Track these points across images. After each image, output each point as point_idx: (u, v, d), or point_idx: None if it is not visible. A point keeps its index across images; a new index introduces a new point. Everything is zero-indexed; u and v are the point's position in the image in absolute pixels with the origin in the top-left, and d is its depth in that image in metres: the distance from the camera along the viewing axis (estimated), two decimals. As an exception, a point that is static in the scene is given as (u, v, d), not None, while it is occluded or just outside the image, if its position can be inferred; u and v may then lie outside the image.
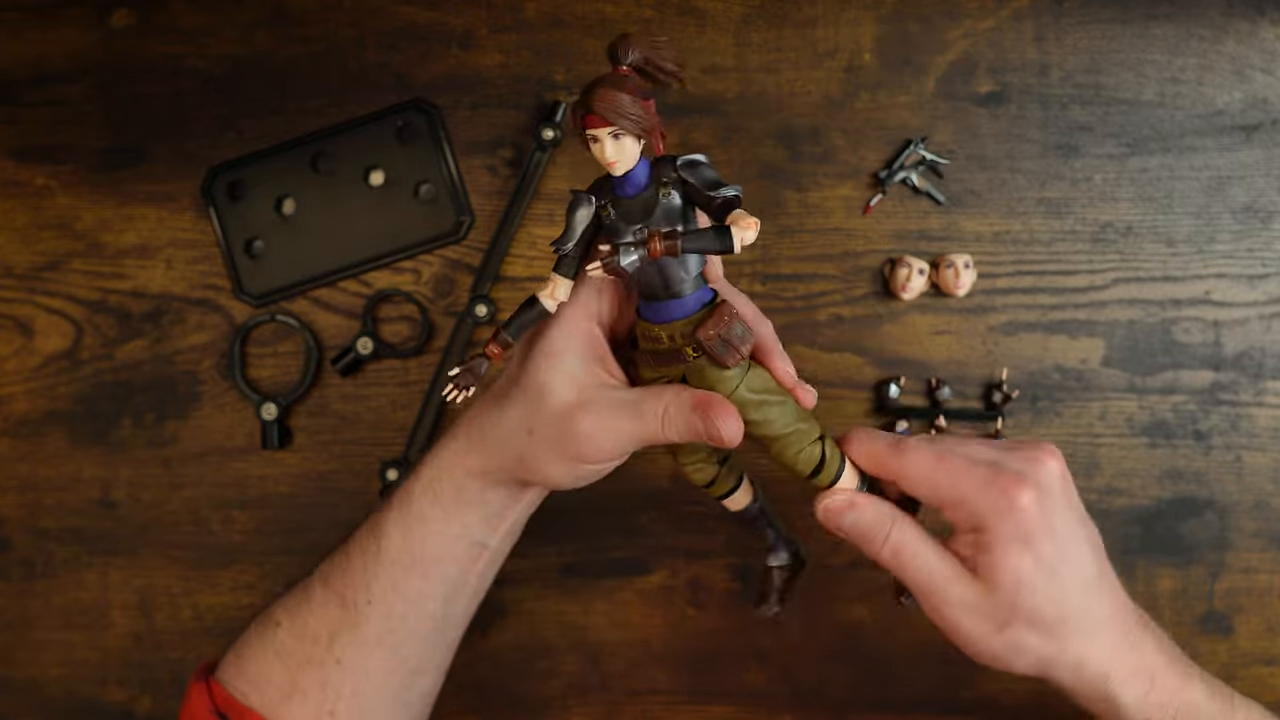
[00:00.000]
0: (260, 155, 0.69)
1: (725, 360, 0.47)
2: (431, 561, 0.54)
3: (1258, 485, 0.67)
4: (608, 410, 0.48)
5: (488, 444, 0.52)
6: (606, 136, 0.44)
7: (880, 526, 0.51)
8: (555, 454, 0.50)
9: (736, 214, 0.44)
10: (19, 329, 0.71)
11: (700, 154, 0.46)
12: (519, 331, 0.48)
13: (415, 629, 0.55)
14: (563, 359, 0.49)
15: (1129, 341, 0.67)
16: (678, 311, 0.47)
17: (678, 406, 0.48)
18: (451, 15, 0.69)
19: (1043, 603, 0.49)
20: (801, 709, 0.68)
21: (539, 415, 0.49)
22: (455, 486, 0.53)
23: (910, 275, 0.66)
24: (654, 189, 0.46)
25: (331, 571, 0.56)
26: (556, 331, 0.49)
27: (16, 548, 0.71)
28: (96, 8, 0.70)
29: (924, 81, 0.68)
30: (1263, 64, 0.67)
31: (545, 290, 0.48)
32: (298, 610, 0.56)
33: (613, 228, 0.46)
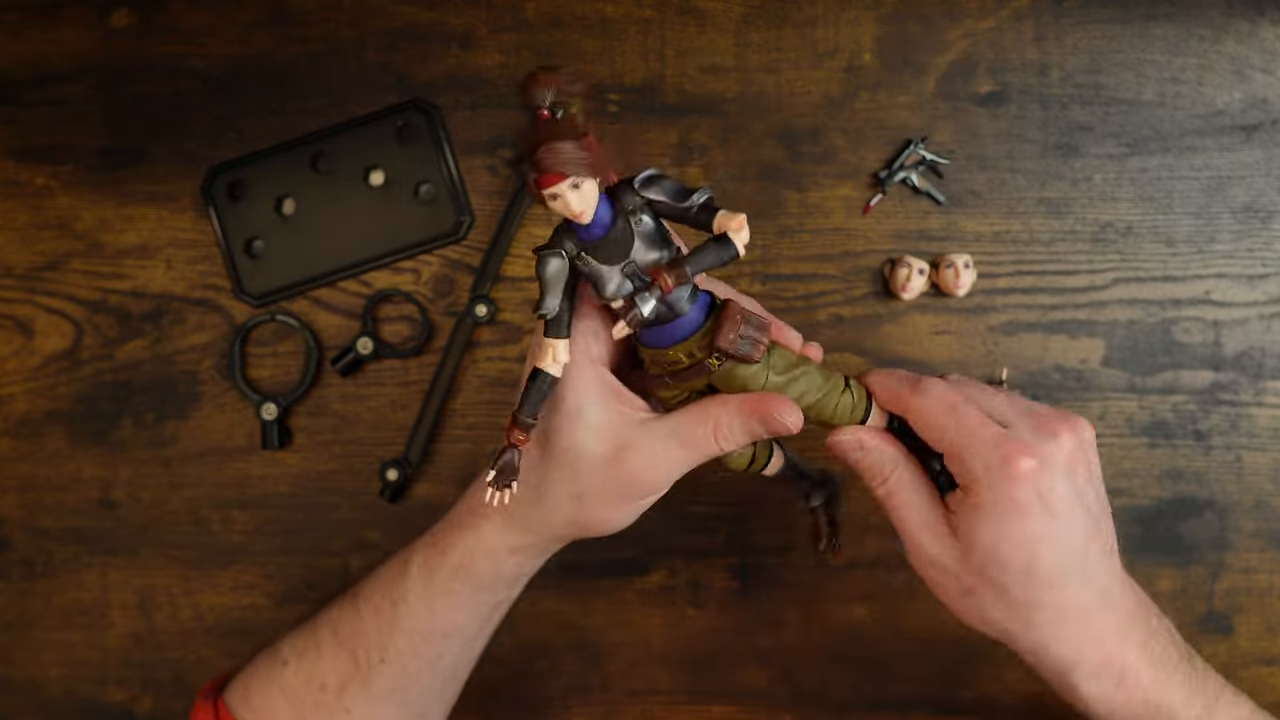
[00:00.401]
0: (260, 155, 0.69)
1: (752, 356, 0.46)
2: (454, 626, 0.54)
3: (1258, 485, 0.67)
4: (654, 446, 0.48)
5: (531, 522, 0.50)
6: (567, 190, 0.42)
7: (881, 468, 0.50)
8: (615, 500, 0.49)
9: (722, 217, 0.43)
10: (19, 329, 0.71)
11: (650, 168, 0.44)
12: (536, 410, 0.46)
13: (428, 684, 0.55)
14: (583, 414, 0.48)
15: (1129, 341, 0.67)
16: (687, 329, 0.46)
17: (729, 419, 0.47)
18: (451, 15, 0.69)
19: (1012, 581, 0.47)
20: (801, 709, 0.68)
21: (582, 478, 0.48)
22: (493, 567, 0.52)
23: (910, 275, 0.66)
24: (622, 220, 0.44)
25: (341, 622, 0.55)
26: (566, 391, 0.48)
27: (16, 548, 0.71)
28: (96, 8, 0.70)
29: (924, 81, 0.68)
30: (1263, 64, 0.67)
31: (545, 359, 0.46)
32: (305, 653, 0.55)
33: (594, 273, 0.45)
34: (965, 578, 0.48)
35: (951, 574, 0.49)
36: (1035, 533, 0.47)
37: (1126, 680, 0.49)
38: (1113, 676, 0.49)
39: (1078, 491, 0.48)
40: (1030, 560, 0.47)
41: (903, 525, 0.50)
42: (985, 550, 0.47)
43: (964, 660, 0.68)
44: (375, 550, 0.70)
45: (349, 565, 0.70)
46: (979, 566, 0.48)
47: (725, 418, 0.47)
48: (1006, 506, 0.47)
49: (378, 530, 0.70)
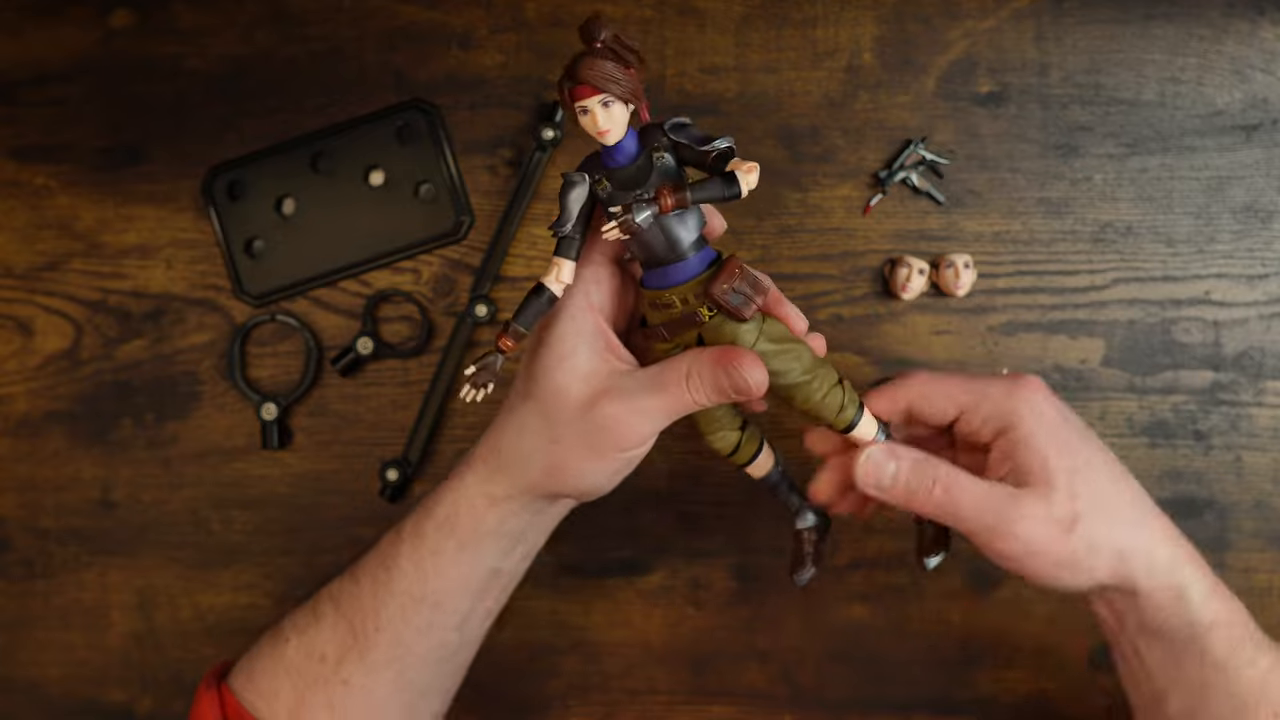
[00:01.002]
0: (260, 155, 0.69)
1: (742, 312, 0.46)
2: (444, 593, 0.54)
3: (1258, 485, 0.67)
4: (630, 391, 0.48)
5: (510, 466, 0.51)
6: (597, 105, 0.44)
7: (925, 472, 0.50)
8: (586, 451, 0.49)
9: (735, 161, 0.44)
10: (19, 329, 0.71)
11: (683, 116, 0.46)
12: (531, 321, 0.47)
13: (424, 655, 0.55)
14: (574, 357, 0.48)
15: (1129, 341, 0.67)
16: (686, 273, 0.47)
17: (699, 366, 0.47)
18: (451, 15, 0.69)
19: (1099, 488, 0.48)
20: (801, 709, 0.68)
21: (561, 419, 0.48)
22: (474, 520, 0.52)
23: (910, 275, 0.66)
24: (646, 156, 0.46)
25: (341, 594, 0.56)
26: (562, 330, 0.49)
27: (16, 548, 0.71)
28: (96, 8, 0.70)
29: (924, 81, 0.68)
30: (1263, 64, 0.67)
31: (550, 274, 0.47)
32: (307, 629, 0.56)
33: (610, 200, 0.46)
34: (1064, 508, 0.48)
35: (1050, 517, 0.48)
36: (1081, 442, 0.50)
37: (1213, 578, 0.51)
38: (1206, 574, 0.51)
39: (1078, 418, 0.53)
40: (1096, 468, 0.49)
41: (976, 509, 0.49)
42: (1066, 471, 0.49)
43: (964, 660, 0.68)
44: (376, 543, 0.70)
45: (348, 565, 0.70)
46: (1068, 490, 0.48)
47: (696, 365, 0.47)
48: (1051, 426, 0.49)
49: (378, 530, 0.69)
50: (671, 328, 0.48)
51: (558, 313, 0.49)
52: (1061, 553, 0.49)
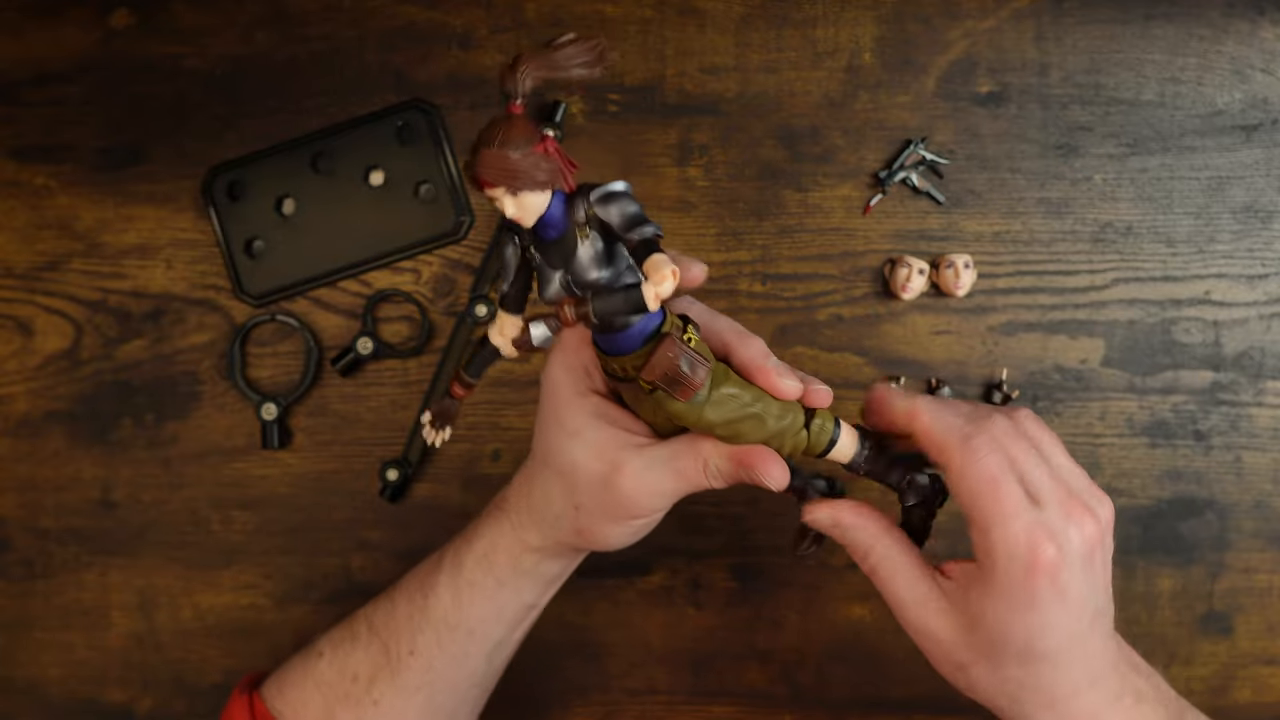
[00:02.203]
0: (260, 155, 0.69)
1: (679, 396, 0.44)
2: (478, 622, 0.55)
3: (1258, 485, 0.67)
4: (644, 471, 0.48)
5: (543, 523, 0.52)
6: (504, 196, 0.40)
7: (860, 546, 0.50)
8: (608, 520, 0.50)
9: (652, 262, 0.40)
10: (19, 329, 0.71)
11: (618, 182, 0.42)
12: (479, 370, 0.47)
13: (455, 682, 0.56)
14: (583, 434, 0.49)
15: (1129, 341, 0.67)
16: (625, 344, 0.45)
17: (718, 461, 0.48)
18: (451, 15, 0.69)
19: (1009, 660, 0.47)
20: (801, 709, 0.68)
21: (579, 491, 0.50)
22: (512, 560, 0.54)
23: (910, 275, 0.66)
24: (572, 229, 0.42)
25: (376, 615, 0.57)
26: (566, 415, 0.50)
27: (16, 548, 0.71)
28: (96, 8, 0.70)
29: (924, 81, 0.68)
30: (1263, 64, 0.67)
31: (494, 328, 0.46)
32: (340, 645, 0.57)
33: (539, 269, 0.44)
34: (960, 652, 0.48)
35: (946, 646, 0.49)
36: (1044, 621, 0.46)
37: None
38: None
39: (1091, 581, 0.47)
40: (1030, 644, 0.47)
41: (892, 599, 0.50)
42: (988, 629, 0.47)
43: (964, 660, 0.68)
44: (375, 550, 0.70)
45: (349, 565, 0.70)
46: (978, 644, 0.48)
47: (715, 460, 0.48)
48: (1021, 594, 0.46)
49: (378, 530, 0.70)
50: (630, 394, 0.48)
51: (560, 392, 0.50)
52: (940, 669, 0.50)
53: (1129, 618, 0.67)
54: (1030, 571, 0.45)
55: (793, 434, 0.48)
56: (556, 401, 0.50)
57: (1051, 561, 0.45)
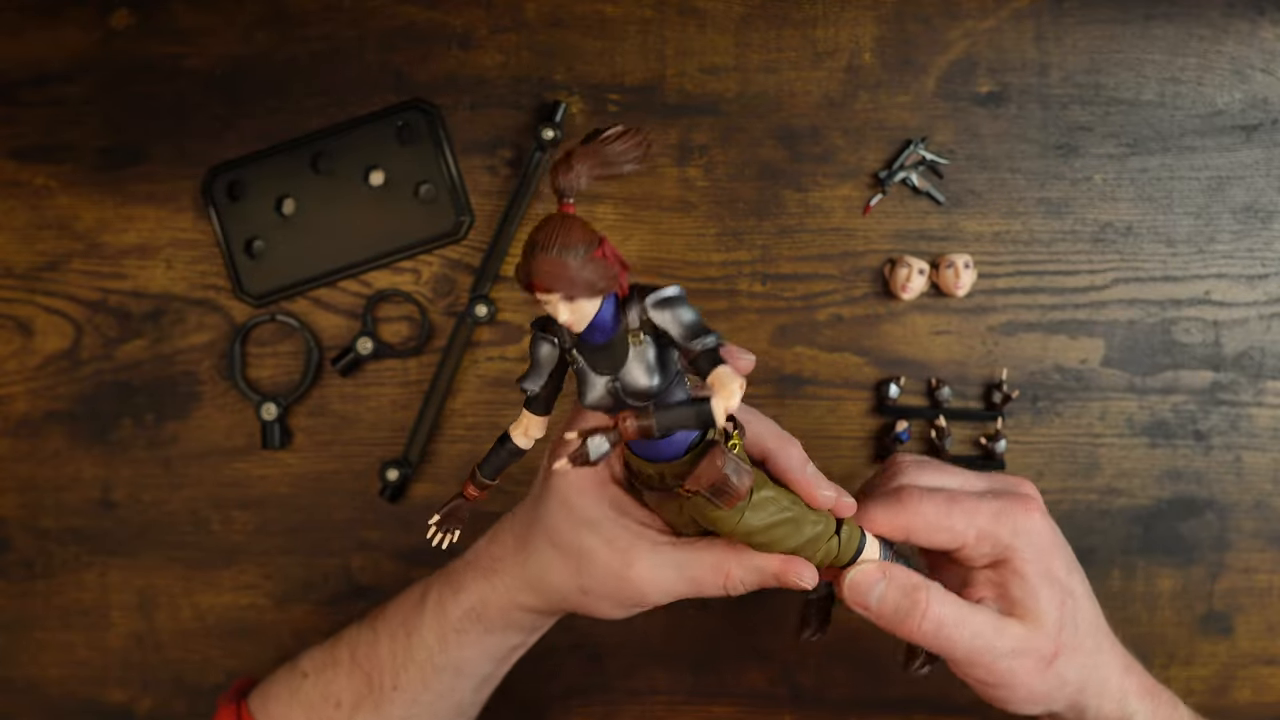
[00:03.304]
0: (260, 155, 0.69)
1: (724, 505, 0.43)
2: (465, 663, 0.55)
3: (1258, 485, 0.67)
4: (658, 570, 0.48)
5: (542, 592, 0.52)
6: (558, 301, 0.38)
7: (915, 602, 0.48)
8: (613, 605, 0.50)
9: (719, 376, 0.38)
10: (19, 329, 0.71)
11: (672, 286, 0.40)
12: (494, 473, 0.45)
13: (439, 713, 0.56)
14: (599, 525, 0.49)
15: (1129, 341, 0.67)
16: (667, 451, 0.44)
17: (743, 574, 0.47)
18: (451, 15, 0.69)
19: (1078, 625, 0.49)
20: (801, 709, 0.68)
21: (589, 578, 0.49)
22: (504, 617, 0.53)
23: (910, 275, 0.66)
24: (622, 335, 0.40)
25: (359, 645, 0.56)
26: (582, 499, 0.49)
27: (16, 548, 0.71)
28: (96, 8, 0.70)
29: (924, 81, 0.68)
30: (1263, 64, 0.67)
31: (517, 428, 0.44)
32: (324, 670, 0.57)
33: (581, 373, 0.41)
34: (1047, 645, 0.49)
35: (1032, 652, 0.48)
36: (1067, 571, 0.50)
37: (1160, 699, 0.52)
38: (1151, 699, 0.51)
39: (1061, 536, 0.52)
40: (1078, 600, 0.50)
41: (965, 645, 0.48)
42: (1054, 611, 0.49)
43: (964, 660, 0.68)
44: (375, 550, 0.70)
45: (349, 565, 0.70)
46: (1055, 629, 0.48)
47: (739, 572, 0.47)
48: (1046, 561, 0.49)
49: (378, 530, 0.70)
50: (653, 496, 0.47)
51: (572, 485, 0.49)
52: (1036, 689, 0.49)
53: (1129, 618, 0.67)
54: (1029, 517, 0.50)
55: (825, 541, 0.48)
56: (572, 490, 0.49)
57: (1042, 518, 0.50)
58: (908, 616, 0.48)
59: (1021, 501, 0.50)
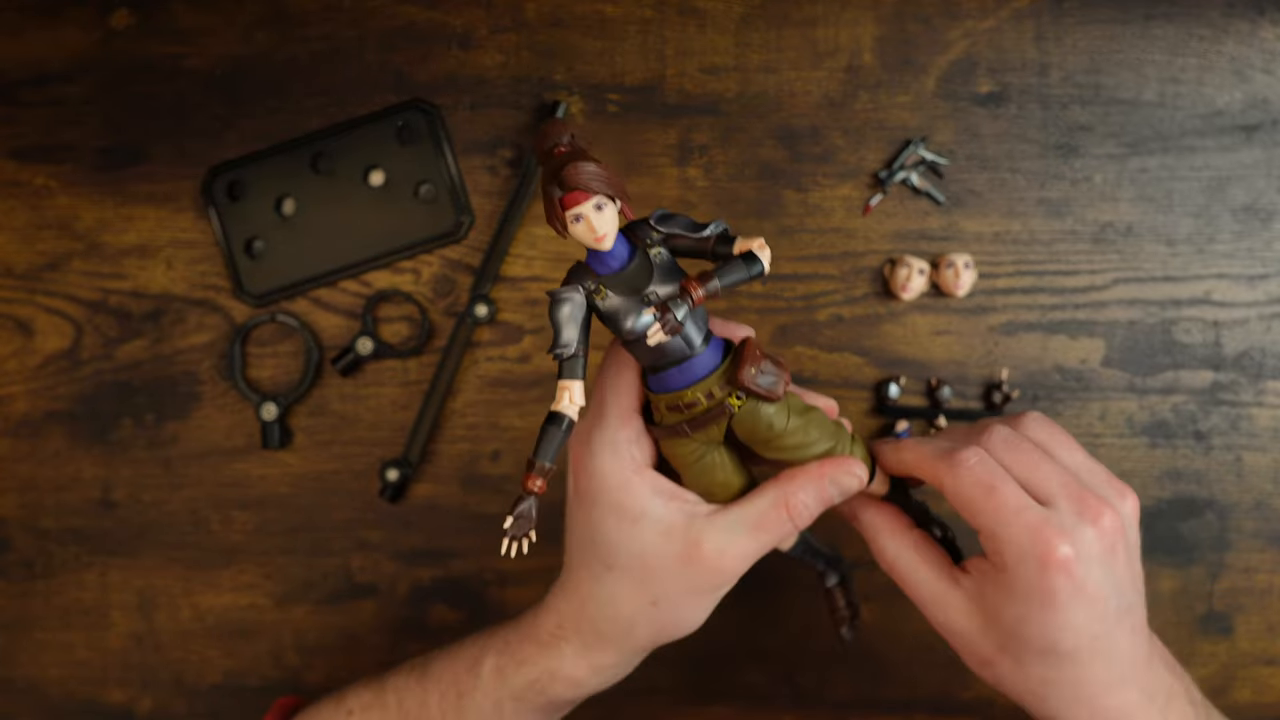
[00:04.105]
0: (260, 155, 0.69)
1: (775, 392, 0.45)
2: None
3: (1258, 485, 0.67)
4: (724, 537, 0.47)
5: (613, 637, 0.49)
6: (590, 210, 0.42)
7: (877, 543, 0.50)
8: (691, 600, 0.48)
9: (742, 240, 0.44)
10: (19, 329, 0.71)
11: (660, 208, 0.45)
12: (554, 454, 0.44)
13: None
14: (648, 515, 0.47)
15: (1129, 341, 0.67)
16: (705, 368, 0.45)
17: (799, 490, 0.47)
18: (451, 15, 0.69)
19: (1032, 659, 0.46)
20: (801, 709, 0.68)
21: (655, 581, 0.47)
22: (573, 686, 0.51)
23: (910, 275, 0.66)
24: (640, 254, 0.44)
25: (407, 695, 0.55)
26: (624, 498, 0.47)
27: (16, 548, 0.71)
28: (96, 8, 0.70)
29: (924, 81, 0.68)
30: (1263, 64, 0.67)
31: (561, 401, 0.44)
32: (369, 709, 0.55)
33: (613, 309, 0.44)
34: (983, 649, 0.48)
35: (970, 643, 0.48)
36: (1063, 621, 0.45)
37: None
38: None
39: (1114, 578, 0.46)
40: (1052, 643, 0.46)
41: (914, 596, 0.49)
42: (1008, 628, 0.46)
43: (964, 660, 0.68)
44: (375, 550, 0.70)
45: (349, 565, 0.70)
46: (999, 642, 0.47)
47: (795, 490, 0.47)
48: (1036, 594, 0.45)
49: (378, 530, 0.70)
50: (695, 424, 0.46)
51: (612, 477, 0.47)
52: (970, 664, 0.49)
53: (1129, 618, 0.67)
54: (1044, 570, 0.44)
55: (848, 444, 0.49)
56: (610, 487, 0.47)
57: (1065, 559, 0.44)
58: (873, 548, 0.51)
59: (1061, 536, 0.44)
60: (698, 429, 0.46)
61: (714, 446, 0.48)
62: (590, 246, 0.43)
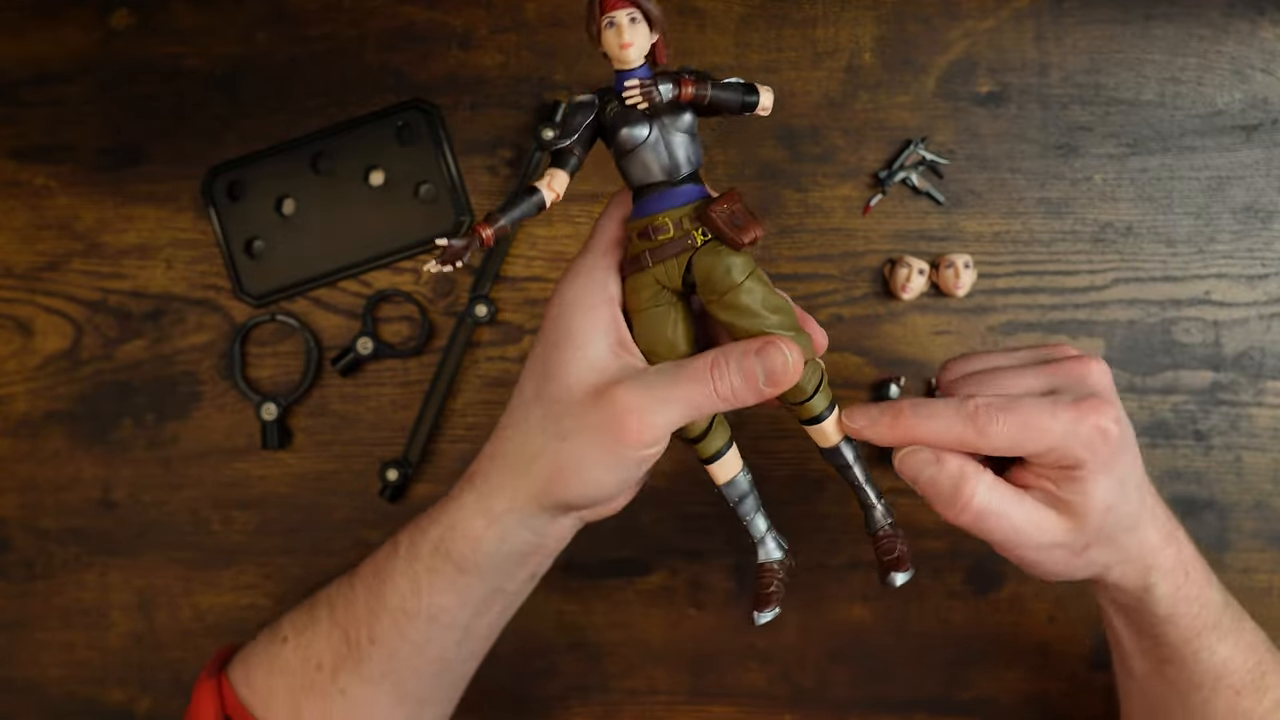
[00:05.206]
0: (260, 155, 0.69)
1: (739, 237, 0.45)
2: (440, 609, 0.52)
3: (1258, 485, 0.67)
4: (648, 381, 0.45)
5: (512, 473, 0.48)
6: (624, 19, 0.44)
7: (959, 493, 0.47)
8: (595, 448, 0.46)
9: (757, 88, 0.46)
10: (19, 329, 0.71)
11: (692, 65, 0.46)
12: (515, 219, 0.46)
13: (421, 669, 0.54)
14: (587, 349, 0.46)
15: (1129, 341, 0.67)
16: (684, 197, 0.46)
17: (725, 353, 0.45)
18: (451, 15, 0.69)
19: (1118, 519, 0.48)
20: (801, 709, 0.68)
21: (571, 413, 0.46)
22: (471, 542, 0.50)
23: (910, 275, 0.66)
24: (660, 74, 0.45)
25: (337, 600, 0.55)
26: (581, 324, 0.47)
27: (16, 548, 0.71)
28: (96, 8, 0.70)
29: (924, 81, 0.68)
30: (1263, 64, 0.67)
31: (543, 180, 0.46)
32: (304, 631, 0.55)
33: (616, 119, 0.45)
34: (1082, 540, 0.48)
35: (1067, 546, 0.48)
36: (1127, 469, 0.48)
37: (1191, 577, 0.51)
38: (1182, 574, 0.51)
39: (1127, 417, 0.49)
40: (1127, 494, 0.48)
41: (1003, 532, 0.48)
42: (1100, 511, 0.47)
43: (964, 660, 0.68)
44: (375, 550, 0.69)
45: (349, 565, 0.70)
46: (1095, 527, 0.48)
47: (722, 356, 0.45)
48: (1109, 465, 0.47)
49: (378, 530, 0.70)
50: (658, 253, 0.46)
51: (575, 308, 0.47)
52: (1062, 572, 0.50)
53: (1129, 618, 0.67)
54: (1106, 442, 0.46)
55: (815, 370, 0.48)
56: (572, 310, 0.47)
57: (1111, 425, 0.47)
58: (949, 505, 0.47)
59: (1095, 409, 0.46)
60: (659, 259, 0.46)
61: (670, 301, 0.47)
62: (615, 57, 0.44)
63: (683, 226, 0.46)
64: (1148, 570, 0.50)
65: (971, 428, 0.47)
